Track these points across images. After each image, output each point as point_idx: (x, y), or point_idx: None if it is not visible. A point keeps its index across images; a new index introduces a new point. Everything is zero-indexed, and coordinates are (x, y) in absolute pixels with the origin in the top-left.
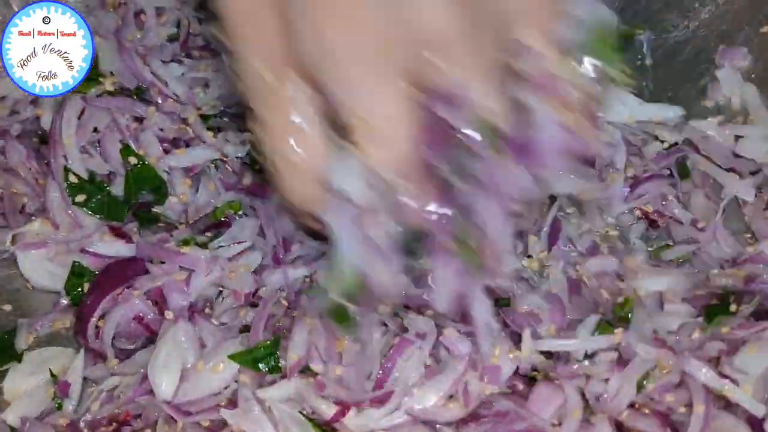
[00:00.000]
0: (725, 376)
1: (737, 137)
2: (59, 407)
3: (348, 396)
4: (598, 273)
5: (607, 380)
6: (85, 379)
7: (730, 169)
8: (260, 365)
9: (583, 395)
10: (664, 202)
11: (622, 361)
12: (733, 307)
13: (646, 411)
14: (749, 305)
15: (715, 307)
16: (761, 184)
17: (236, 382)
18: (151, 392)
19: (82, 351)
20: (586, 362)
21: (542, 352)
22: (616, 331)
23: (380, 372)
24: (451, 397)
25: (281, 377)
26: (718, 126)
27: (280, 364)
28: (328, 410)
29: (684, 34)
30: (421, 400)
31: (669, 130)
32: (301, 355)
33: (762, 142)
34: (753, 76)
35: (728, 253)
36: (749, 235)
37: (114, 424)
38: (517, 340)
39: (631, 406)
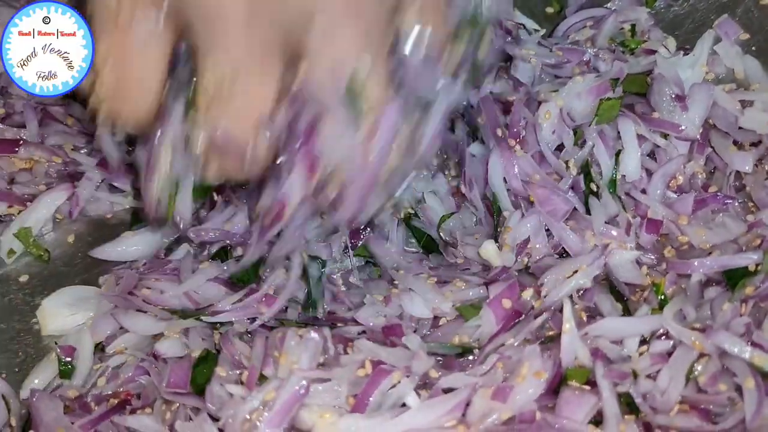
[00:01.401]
0: (757, 346)
1: (743, 106)
2: (66, 376)
3: None
4: None
5: (649, 376)
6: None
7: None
8: None
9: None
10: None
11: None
12: (752, 267)
13: (686, 408)
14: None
15: (735, 271)
16: (762, 156)
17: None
18: (147, 374)
19: (88, 332)
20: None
21: None
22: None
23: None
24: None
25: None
26: (726, 93)
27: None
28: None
29: (684, 8)
30: (414, 416)
31: None
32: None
33: (764, 114)
34: (753, 48)
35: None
36: (752, 204)
37: (117, 399)
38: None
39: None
